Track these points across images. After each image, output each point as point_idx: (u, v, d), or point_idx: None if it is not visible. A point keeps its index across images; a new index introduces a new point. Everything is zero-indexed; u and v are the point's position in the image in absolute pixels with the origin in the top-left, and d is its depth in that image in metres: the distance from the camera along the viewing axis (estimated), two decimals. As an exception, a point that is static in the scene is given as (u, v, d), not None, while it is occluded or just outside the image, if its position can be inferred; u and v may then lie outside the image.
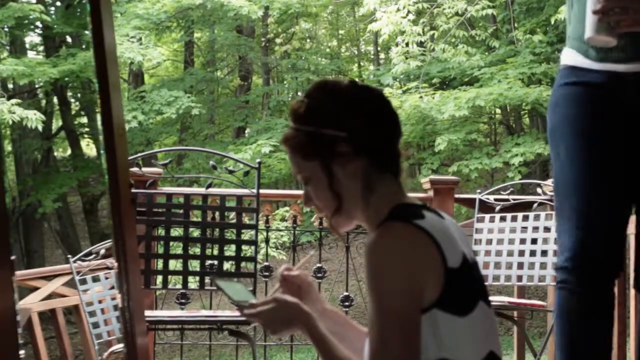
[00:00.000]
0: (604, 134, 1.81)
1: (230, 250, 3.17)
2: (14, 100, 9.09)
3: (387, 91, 9.00)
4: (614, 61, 1.80)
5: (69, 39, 12.67)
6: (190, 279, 3.06)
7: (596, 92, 1.83)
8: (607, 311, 1.82)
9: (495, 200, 3.56)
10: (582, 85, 1.85)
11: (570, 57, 1.90)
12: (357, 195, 1.39)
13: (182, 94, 10.85)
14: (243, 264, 3.00)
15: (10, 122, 8.78)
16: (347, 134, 1.36)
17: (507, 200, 3.56)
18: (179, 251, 2.99)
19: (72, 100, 13.99)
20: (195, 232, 3.05)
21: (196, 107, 10.51)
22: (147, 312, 2.78)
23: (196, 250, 2.98)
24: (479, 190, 3.63)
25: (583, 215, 1.78)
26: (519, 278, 3.23)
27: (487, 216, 3.48)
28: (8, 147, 12.85)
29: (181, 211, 2.92)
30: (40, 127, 9.33)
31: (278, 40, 14.01)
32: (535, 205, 3.43)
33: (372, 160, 1.38)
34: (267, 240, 3.80)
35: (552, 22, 8.36)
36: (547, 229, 3.23)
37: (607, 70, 1.81)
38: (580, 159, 1.81)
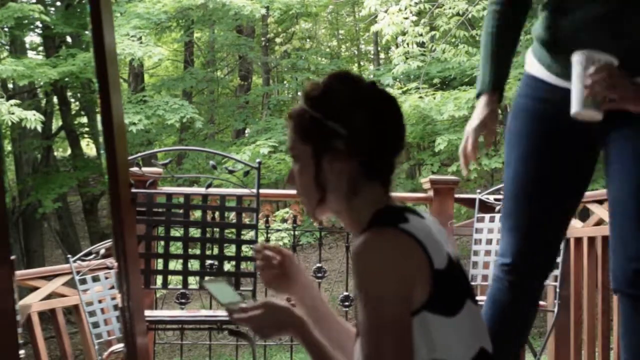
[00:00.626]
0: (553, 153, 1.86)
1: (230, 250, 3.17)
2: (12, 101, 9.10)
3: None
4: None
5: (68, 39, 12.67)
6: (190, 278, 3.06)
7: (554, 109, 1.85)
8: (532, 303, 1.96)
9: (495, 200, 3.56)
10: (541, 102, 1.87)
11: (533, 66, 1.91)
12: (341, 194, 1.38)
13: (186, 103, 10.89)
14: (243, 264, 3.00)
15: (10, 123, 8.78)
16: (347, 132, 1.36)
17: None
18: (179, 251, 2.99)
19: (72, 100, 13.99)
20: (195, 232, 3.06)
21: (199, 119, 10.57)
22: (147, 312, 2.78)
23: (196, 250, 2.98)
24: (479, 190, 3.63)
25: (524, 227, 1.89)
26: None
27: (487, 216, 3.48)
28: (8, 147, 12.85)
29: (181, 211, 2.92)
30: (39, 127, 9.34)
31: (278, 40, 14.01)
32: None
33: (361, 166, 1.37)
34: (267, 241, 3.80)
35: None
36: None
37: (569, 88, 1.80)
38: (526, 176, 1.88)
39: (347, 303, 3.57)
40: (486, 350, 1.35)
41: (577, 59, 1.70)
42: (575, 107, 1.70)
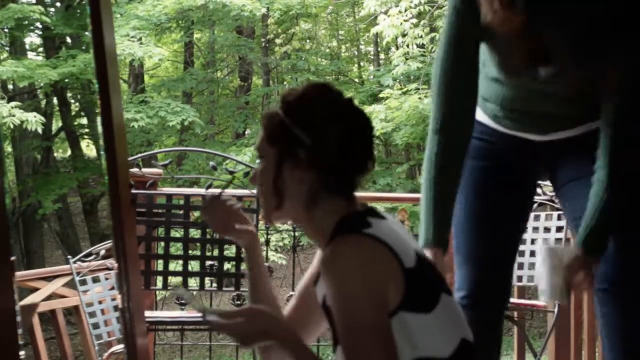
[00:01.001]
0: (497, 186, 1.92)
1: (230, 251, 3.18)
2: (13, 103, 9.11)
3: (387, 92, 9.01)
4: (527, 132, 1.87)
5: (68, 40, 12.67)
6: (191, 279, 3.06)
7: (496, 148, 1.92)
8: (495, 335, 1.98)
9: None
10: (483, 141, 1.92)
11: (478, 113, 1.91)
12: (299, 203, 1.38)
13: (188, 106, 10.92)
14: (243, 264, 3.00)
15: (12, 126, 8.78)
16: (312, 143, 1.35)
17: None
18: (179, 252, 2.99)
19: (72, 101, 13.99)
20: (195, 233, 3.06)
21: (200, 123, 10.60)
22: (147, 313, 2.78)
23: (196, 251, 2.98)
24: None
25: (477, 259, 1.93)
26: (519, 278, 3.23)
27: None
28: (8, 148, 12.85)
29: (181, 212, 2.93)
30: (40, 129, 9.35)
31: (278, 41, 14.01)
32: (535, 205, 3.43)
33: (321, 179, 1.37)
34: (267, 241, 3.80)
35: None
36: (547, 229, 3.24)
37: (517, 136, 1.88)
38: (473, 209, 1.92)
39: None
40: (467, 340, 1.36)
41: (545, 253, 1.78)
42: (549, 296, 1.79)
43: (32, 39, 14.07)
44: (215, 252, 3.00)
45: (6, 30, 11.05)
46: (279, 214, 1.42)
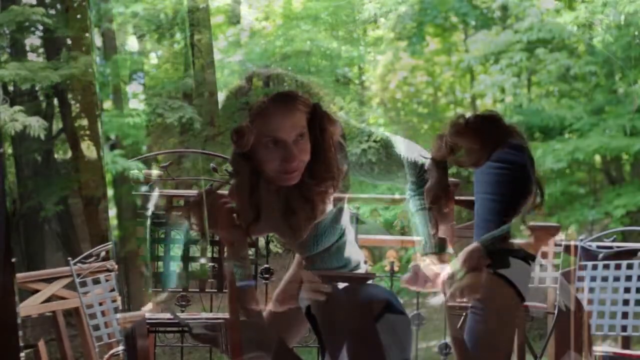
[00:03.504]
0: None
1: (230, 253, 3.17)
2: (16, 107, 9.12)
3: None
4: None
5: (69, 42, 12.67)
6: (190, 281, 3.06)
7: None
8: None
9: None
10: None
11: None
12: None
13: (185, 104, 10.91)
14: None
15: (13, 133, 8.79)
16: None
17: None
18: (180, 253, 2.99)
19: (73, 102, 13.98)
20: (196, 235, 3.05)
21: (198, 119, 10.58)
22: (148, 314, 2.78)
23: (197, 252, 2.98)
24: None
25: None
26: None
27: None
28: (9, 150, 12.84)
29: (181, 213, 2.92)
30: (43, 135, 9.37)
31: (278, 43, 14.00)
32: None
33: None
34: (267, 242, 3.79)
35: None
36: (547, 232, 3.23)
37: None
38: None
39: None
40: None
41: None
42: None
43: (32, 40, 14.07)
44: (216, 254, 3.00)
45: (7, 32, 11.05)
46: (257, 226, 1.39)
